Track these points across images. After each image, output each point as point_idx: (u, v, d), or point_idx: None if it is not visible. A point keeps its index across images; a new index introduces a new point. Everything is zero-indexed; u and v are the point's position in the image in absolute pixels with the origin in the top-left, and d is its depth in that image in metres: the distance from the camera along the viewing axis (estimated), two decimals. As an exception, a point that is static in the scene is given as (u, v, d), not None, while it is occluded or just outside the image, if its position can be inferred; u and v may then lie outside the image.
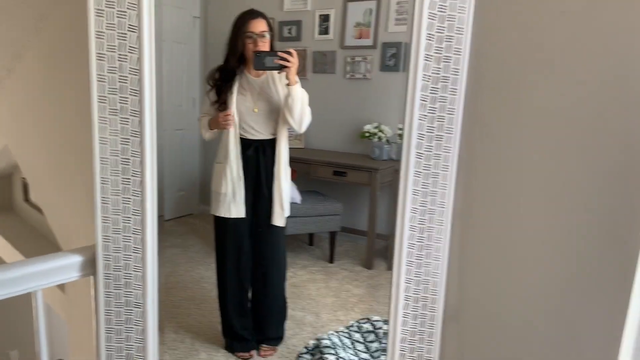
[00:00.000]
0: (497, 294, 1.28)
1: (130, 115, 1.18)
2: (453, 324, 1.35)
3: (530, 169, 1.18)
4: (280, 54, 2.00)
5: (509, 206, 1.23)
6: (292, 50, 2.02)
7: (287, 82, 2.07)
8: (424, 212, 1.28)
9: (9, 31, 2.39)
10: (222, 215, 2.25)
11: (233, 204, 2.22)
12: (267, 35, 2.13)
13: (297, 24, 3.77)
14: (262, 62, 2.03)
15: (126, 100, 1.18)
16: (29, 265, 1.23)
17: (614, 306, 1.09)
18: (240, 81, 2.18)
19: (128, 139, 1.19)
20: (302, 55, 3.68)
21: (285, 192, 2.28)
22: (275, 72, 2.18)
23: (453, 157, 1.25)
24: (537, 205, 1.18)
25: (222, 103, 2.16)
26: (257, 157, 2.23)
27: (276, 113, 2.18)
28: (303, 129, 2.17)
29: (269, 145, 2.22)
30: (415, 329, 1.34)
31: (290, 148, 3.68)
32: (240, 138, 2.19)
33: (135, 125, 1.18)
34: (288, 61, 2.01)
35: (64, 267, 1.27)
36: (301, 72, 3.65)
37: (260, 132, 2.20)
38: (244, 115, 2.17)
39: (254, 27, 2.11)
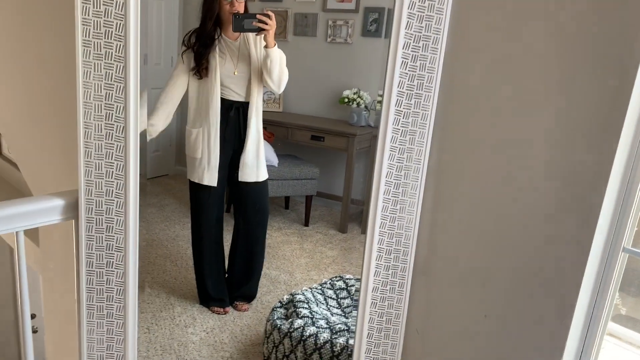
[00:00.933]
0: (465, 250, 1.34)
1: (115, 60, 1.18)
2: (422, 276, 1.42)
3: (503, 128, 1.23)
4: (258, 16, 2.01)
5: (480, 165, 1.28)
6: (270, 13, 2.04)
7: (265, 44, 2.08)
8: (400, 168, 1.33)
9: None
10: (196, 181, 2.28)
11: (207, 171, 2.24)
12: None
13: (280, -16, 3.73)
14: (241, 24, 2.04)
15: (111, 45, 1.18)
16: (12, 207, 1.24)
17: (572, 264, 1.16)
18: (218, 45, 2.18)
19: (112, 84, 1.20)
20: (283, 16, 3.64)
21: (262, 150, 2.32)
22: (250, 35, 2.19)
23: (430, 115, 1.29)
24: (509, 163, 1.24)
25: (203, 69, 2.16)
26: (238, 118, 2.25)
27: (255, 76, 2.20)
28: (281, 89, 2.20)
29: (248, 106, 2.24)
30: (387, 279, 1.40)
31: (268, 111, 3.68)
32: (223, 100, 2.20)
33: (120, 71, 1.19)
34: (266, 24, 2.02)
35: (47, 210, 1.29)
36: (282, 34, 3.63)
37: (239, 94, 2.22)
38: (224, 78, 2.18)
39: None
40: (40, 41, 2.10)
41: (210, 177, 2.25)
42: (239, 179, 2.28)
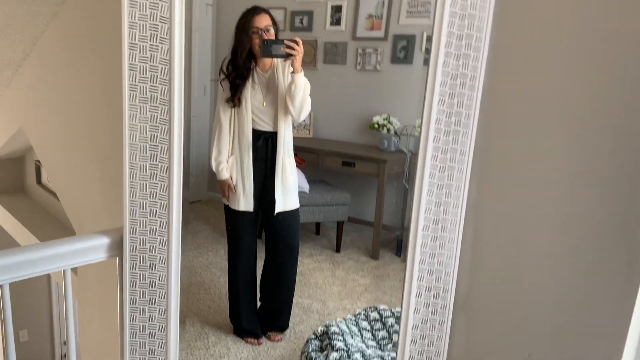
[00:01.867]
0: (507, 286, 1.32)
1: (160, 103, 1.22)
2: (463, 313, 1.40)
3: (543, 164, 1.22)
4: (286, 42, 2.04)
5: (521, 200, 1.27)
6: (298, 39, 2.07)
7: (292, 69, 2.12)
8: (439, 203, 1.32)
9: (26, 15, 2.42)
10: (232, 207, 2.31)
11: (243, 197, 2.28)
12: (272, 30, 2.18)
13: (309, 14, 3.79)
14: (269, 49, 2.08)
15: (156, 89, 1.22)
16: (60, 246, 1.28)
17: (621, 301, 1.13)
18: (251, 77, 2.23)
19: (157, 126, 1.24)
20: (313, 45, 3.70)
21: (291, 179, 2.33)
22: (280, 66, 2.22)
23: (469, 151, 1.29)
24: (549, 200, 1.22)
25: (237, 99, 2.21)
26: (266, 147, 2.28)
27: (282, 105, 2.23)
28: (302, 118, 2.23)
29: (277, 136, 2.28)
30: (427, 317, 1.38)
31: (299, 137, 3.71)
32: (253, 130, 2.25)
33: (164, 113, 1.22)
34: (294, 49, 2.06)
35: (93, 248, 1.32)
36: (311, 63, 3.68)
37: (268, 124, 2.25)
38: (254, 108, 2.23)
39: (259, 23, 2.16)
40: (86, 81, 2.18)
41: (246, 202, 2.29)
42: (268, 208, 2.30)
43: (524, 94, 1.23)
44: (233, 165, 2.28)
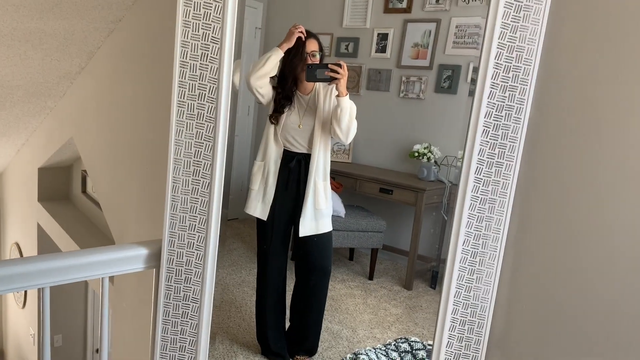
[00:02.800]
0: (545, 327, 1.28)
1: (206, 121, 1.25)
2: (497, 351, 1.36)
3: (587, 201, 1.18)
4: (330, 66, 2.06)
5: (563, 238, 1.23)
6: (342, 63, 2.08)
7: (336, 93, 2.13)
8: (478, 236, 1.30)
9: (84, 31, 2.54)
10: (247, 211, 2.32)
11: (261, 203, 2.28)
12: (317, 55, 2.20)
13: (355, 40, 3.83)
14: (314, 74, 2.09)
15: (203, 107, 1.25)
16: (99, 254, 1.32)
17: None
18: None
19: (202, 142, 1.27)
20: (357, 72, 3.73)
21: (323, 202, 2.32)
22: (321, 89, 2.24)
23: (511, 185, 1.27)
24: (593, 241, 1.18)
25: (275, 117, 2.24)
26: (299, 169, 2.28)
27: (319, 128, 2.24)
28: (349, 140, 2.22)
29: (310, 159, 2.28)
30: (460, 352, 1.35)
31: (337, 162, 3.71)
32: (286, 150, 2.26)
33: (210, 131, 1.25)
34: (338, 73, 2.07)
35: (132, 258, 1.35)
36: (355, 88, 3.71)
37: (302, 146, 2.26)
38: (289, 129, 2.24)
39: (307, 47, 2.18)
40: (135, 97, 2.26)
41: (263, 210, 2.28)
42: (300, 230, 2.29)
43: (571, 129, 1.20)
44: (259, 170, 2.30)
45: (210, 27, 1.23)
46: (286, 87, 2.23)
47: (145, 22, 2.20)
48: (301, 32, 2.16)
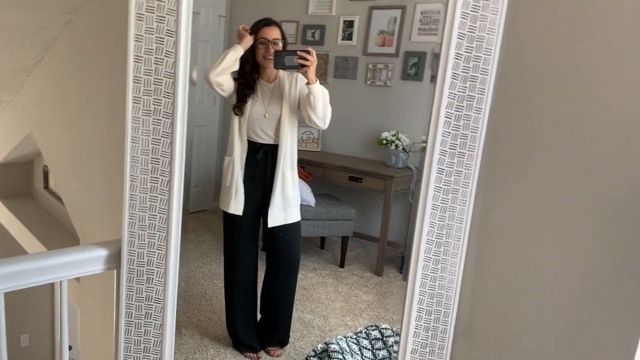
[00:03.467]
0: (509, 312, 1.29)
1: (163, 117, 1.22)
2: (464, 339, 1.37)
3: (549, 191, 1.20)
4: (299, 53, 2.02)
5: (526, 226, 1.24)
6: (311, 50, 2.04)
7: (305, 80, 2.10)
8: (442, 226, 1.30)
9: (40, 22, 2.44)
10: (222, 208, 2.30)
11: (233, 200, 2.25)
12: (280, 43, 2.16)
13: (321, 28, 3.80)
14: (282, 61, 2.05)
15: (160, 103, 1.21)
16: (56, 257, 1.27)
17: (624, 337, 1.10)
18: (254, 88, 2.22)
19: (159, 139, 1.23)
20: (324, 59, 3.70)
21: (291, 192, 2.30)
22: (285, 77, 2.21)
23: (474, 175, 1.27)
24: (554, 227, 1.20)
25: (239, 107, 2.20)
26: (266, 161, 2.26)
27: (286, 116, 2.21)
28: (326, 125, 2.19)
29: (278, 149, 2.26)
30: (427, 341, 1.36)
31: (306, 151, 3.70)
32: (251, 142, 2.23)
33: (167, 127, 1.22)
34: (307, 60, 2.03)
35: (90, 260, 1.31)
36: (322, 77, 3.68)
37: (269, 137, 2.23)
38: (254, 119, 2.20)
39: (267, 34, 2.14)
40: (93, 90, 2.19)
41: (236, 206, 2.25)
42: (268, 221, 2.27)
43: (533, 119, 1.21)
44: (229, 165, 2.27)
45: (164, 20, 1.19)
46: (247, 75, 2.19)
47: (102, 13, 2.13)
48: (245, 29, 2.12)
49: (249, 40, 2.11)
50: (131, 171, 1.24)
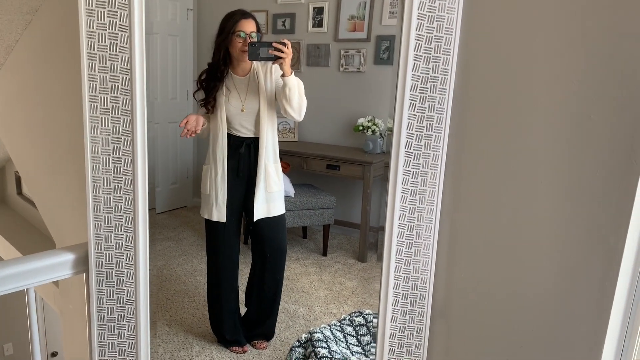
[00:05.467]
0: (484, 292, 1.30)
1: (122, 114, 1.19)
2: (441, 320, 1.38)
3: (516, 168, 1.20)
4: (274, 44, 1.98)
5: (496, 205, 1.24)
6: (286, 41, 2.00)
7: (281, 73, 2.06)
8: (413, 210, 1.30)
9: None
10: (203, 216, 2.27)
11: (215, 207, 2.23)
12: (256, 36, 2.12)
13: (291, 16, 3.77)
14: (257, 52, 2.00)
15: (117, 100, 1.18)
16: (22, 264, 1.24)
17: (598, 308, 1.11)
18: (226, 82, 2.17)
19: (119, 138, 1.20)
20: (296, 48, 3.67)
21: (275, 185, 2.28)
22: (260, 69, 2.17)
23: (442, 156, 1.26)
24: (524, 203, 1.20)
25: (208, 102, 2.16)
26: (249, 154, 2.23)
27: (264, 110, 2.18)
28: (302, 117, 2.16)
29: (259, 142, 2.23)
30: (404, 325, 1.36)
31: (284, 141, 3.67)
32: (233, 136, 2.20)
33: (127, 125, 1.19)
34: (282, 52, 2.00)
35: (57, 265, 1.28)
36: (295, 65, 3.66)
37: (249, 130, 2.20)
38: (233, 115, 2.17)
39: (245, 27, 2.10)
40: (57, 92, 2.14)
41: (219, 213, 2.24)
42: (254, 215, 2.25)
43: (497, 96, 1.21)
44: (207, 175, 2.24)
45: (116, 15, 1.15)
46: (215, 67, 2.15)
47: (62, 12, 2.08)
48: (188, 130, 2.13)
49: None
50: (93, 172, 1.21)
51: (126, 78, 1.18)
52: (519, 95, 1.17)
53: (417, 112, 1.25)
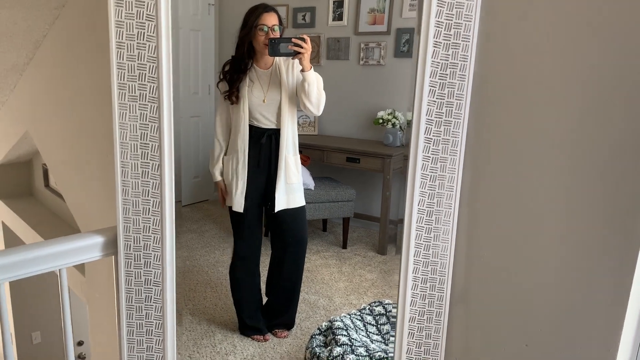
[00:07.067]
0: (503, 278, 1.31)
1: (149, 101, 1.23)
2: (460, 305, 1.39)
3: (536, 154, 1.20)
4: (294, 40, 2.02)
5: (515, 190, 1.25)
6: (305, 37, 2.04)
7: (301, 68, 2.10)
8: (433, 195, 1.31)
9: (27, 20, 2.44)
10: (228, 205, 2.33)
11: (235, 197, 2.29)
12: (278, 29, 2.16)
13: (311, 10, 3.79)
14: (277, 48, 2.05)
15: (145, 87, 1.22)
16: (54, 245, 1.29)
17: (616, 294, 1.11)
18: (249, 74, 2.22)
19: (147, 124, 1.24)
20: (316, 41, 3.69)
21: (295, 176, 2.33)
22: (282, 63, 2.21)
23: (461, 142, 1.28)
24: (545, 191, 1.21)
25: (231, 94, 2.21)
26: (270, 146, 2.27)
27: (286, 103, 2.22)
28: (320, 112, 2.20)
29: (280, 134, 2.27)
30: (424, 309, 1.38)
31: (304, 135, 3.70)
32: (255, 127, 2.24)
33: (154, 111, 1.23)
34: (302, 47, 2.03)
35: (87, 247, 1.33)
36: (315, 59, 3.68)
37: (271, 122, 2.24)
38: (255, 106, 2.22)
39: (267, 20, 2.14)
40: (85, 83, 2.20)
41: (237, 203, 2.29)
42: (275, 206, 2.29)
43: (517, 82, 1.21)
44: (229, 165, 2.29)
45: (144, 4, 1.19)
46: (239, 60, 2.19)
47: (89, 5, 2.13)
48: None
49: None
50: (121, 157, 1.26)
51: (153, 66, 1.22)
52: (538, 81, 1.18)
53: (437, 98, 1.26)
